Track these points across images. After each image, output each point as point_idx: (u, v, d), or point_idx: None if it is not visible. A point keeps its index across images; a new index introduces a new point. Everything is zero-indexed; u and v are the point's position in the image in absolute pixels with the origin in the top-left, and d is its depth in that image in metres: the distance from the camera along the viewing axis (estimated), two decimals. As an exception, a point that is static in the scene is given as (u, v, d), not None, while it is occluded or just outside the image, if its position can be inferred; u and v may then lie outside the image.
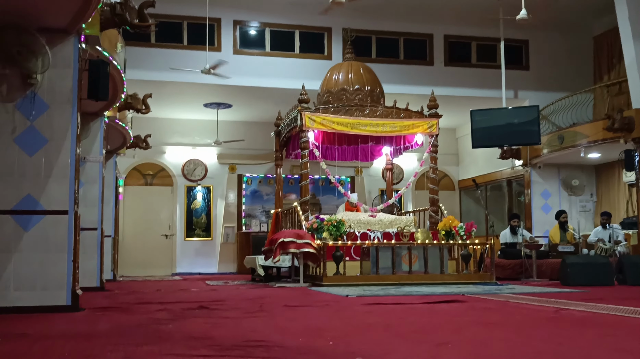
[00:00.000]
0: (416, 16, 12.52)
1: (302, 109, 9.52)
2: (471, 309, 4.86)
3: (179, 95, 12.50)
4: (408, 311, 4.78)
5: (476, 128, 11.94)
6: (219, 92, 12.37)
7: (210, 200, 14.40)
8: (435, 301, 5.47)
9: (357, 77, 10.26)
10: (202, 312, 4.79)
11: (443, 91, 12.32)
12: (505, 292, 6.71)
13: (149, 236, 13.94)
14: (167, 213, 14.21)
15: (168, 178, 14.27)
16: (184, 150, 14.30)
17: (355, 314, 4.62)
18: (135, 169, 14.11)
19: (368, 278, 8.18)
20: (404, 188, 10.40)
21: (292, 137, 10.52)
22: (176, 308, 5.07)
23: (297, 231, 8.54)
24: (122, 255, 13.31)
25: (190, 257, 14.12)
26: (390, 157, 11.56)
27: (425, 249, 8.46)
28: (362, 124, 9.69)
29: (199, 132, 14.13)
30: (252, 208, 14.50)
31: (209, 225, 14.32)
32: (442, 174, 15.34)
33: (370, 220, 9.69)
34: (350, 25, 11.66)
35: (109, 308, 5.23)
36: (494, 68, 12.91)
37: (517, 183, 13.91)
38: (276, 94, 12.32)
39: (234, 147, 14.21)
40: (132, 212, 13.94)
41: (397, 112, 9.89)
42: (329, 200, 14.61)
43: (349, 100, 10.00)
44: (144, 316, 4.48)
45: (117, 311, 4.99)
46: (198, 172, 14.40)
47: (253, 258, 10.17)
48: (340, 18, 12.28)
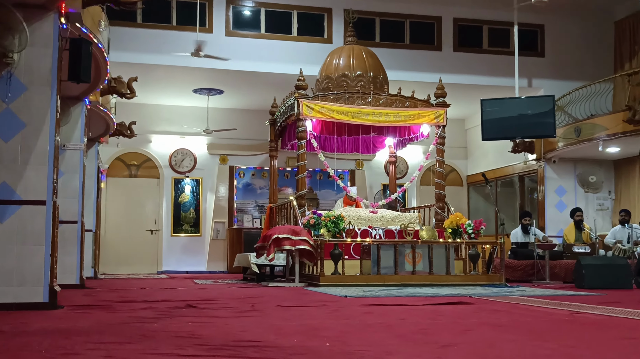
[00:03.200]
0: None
1: (300, 96, 9.52)
2: (478, 312, 4.88)
3: (166, 79, 12.47)
4: (411, 312, 4.80)
5: (487, 119, 11.94)
6: (210, 77, 12.35)
7: (200, 194, 14.40)
8: (440, 303, 5.49)
9: (359, 62, 10.26)
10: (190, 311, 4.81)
11: (451, 78, 12.33)
12: (515, 294, 6.74)
13: (133, 232, 13.94)
14: (152, 207, 14.21)
15: (154, 169, 14.27)
16: (172, 139, 14.29)
17: (354, 314, 4.64)
18: (118, 159, 14.10)
19: (368, 278, 8.20)
20: (408, 183, 10.39)
21: (288, 126, 10.51)
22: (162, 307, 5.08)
23: (292, 228, 8.55)
24: (104, 251, 13.32)
25: (178, 254, 14.13)
26: (394, 149, 11.56)
27: (430, 248, 8.48)
28: (363, 113, 9.69)
29: (187, 120, 14.12)
30: (244, 203, 14.51)
31: (197, 220, 14.32)
32: (449, 168, 15.34)
33: (371, 216, 9.70)
34: (352, 6, 11.65)
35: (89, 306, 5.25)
36: (507, 54, 12.92)
37: (530, 178, 13.93)
38: (271, 80, 12.31)
39: (226, 136, 14.20)
40: (115, 205, 13.94)
41: (401, 101, 9.89)
42: (327, 194, 14.61)
43: (350, 87, 9.99)
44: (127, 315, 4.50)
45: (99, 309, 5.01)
46: (186, 162, 14.39)
47: (245, 255, 10.17)
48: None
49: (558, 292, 7.21)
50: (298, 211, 9.33)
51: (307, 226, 8.60)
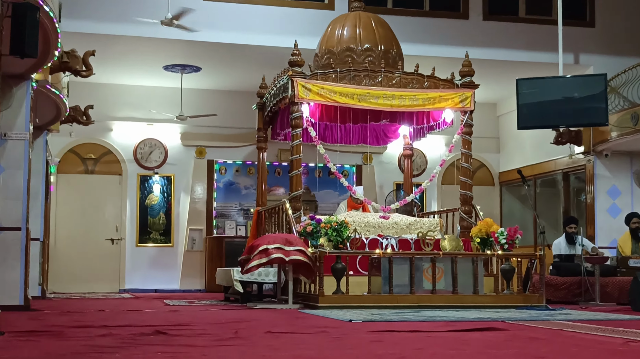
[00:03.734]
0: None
1: (294, 75, 9.51)
2: (513, 340, 4.88)
3: (131, 53, 12.46)
4: (430, 340, 4.81)
5: (524, 103, 11.93)
6: (184, 51, 12.34)
7: (171, 194, 14.39)
8: (466, 329, 5.49)
9: (367, 33, 10.25)
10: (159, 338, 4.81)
11: (481, 53, 12.30)
12: (558, 319, 6.74)
13: (90, 241, 13.93)
14: (113, 211, 14.20)
15: (115, 164, 14.26)
16: (137, 128, 14.28)
17: (360, 343, 4.64)
18: (72, 151, 14.08)
19: (378, 299, 8.20)
20: (427, 182, 10.40)
21: (280, 111, 10.50)
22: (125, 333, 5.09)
23: (285, 236, 8.54)
24: (54, 264, 13.32)
25: (144, 269, 14.13)
26: (410, 139, 11.55)
27: (454, 261, 8.47)
28: (372, 96, 9.68)
29: (157, 104, 14.10)
30: (226, 206, 14.50)
31: (169, 226, 14.31)
32: (477, 164, 15.33)
33: (382, 223, 9.69)
34: (359, -35, 11.62)
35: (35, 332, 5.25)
36: (549, 24, 12.89)
37: (577, 176, 13.92)
38: (260, 54, 12.29)
39: (204, 124, 14.19)
40: (68, 209, 13.93)
41: (419, 81, 9.88)
42: (327, 195, 14.61)
43: (356, 63, 9.98)
44: (81, 343, 4.50)
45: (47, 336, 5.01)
46: (155, 156, 14.38)
47: (227, 270, 10.17)
48: (346, -45, 12.27)
49: (610, 316, 7.21)
50: (292, 216, 9.32)
51: (303, 235, 8.60)
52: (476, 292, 8.47)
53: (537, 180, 14.68)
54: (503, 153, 15.74)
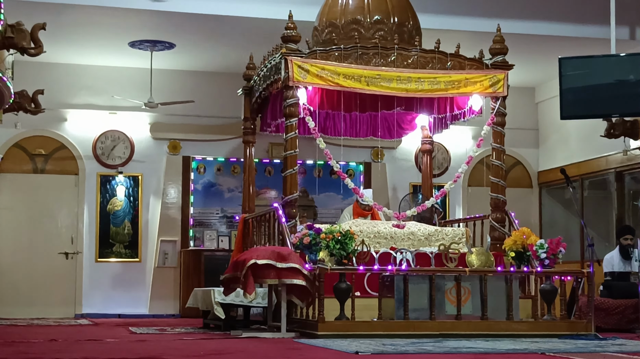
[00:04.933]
0: None
1: (288, 53, 9.50)
2: (555, 377, 4.87)
3: (90, 27, 12.45)
4: (454, 377, 4.79)
5: (568, 87, 11.91)
6: (154, 24, 12.34)
7: (139, 198, 14.38)
8: (497, 363, 5.48)
9: (377, 1, 10.24)
10: (123, 375, 4.80)
11: (515, 26, 12.28)
12: (610, 350, 6.73)
13: (40, 255, 13.92)
14: (68, 218, 14.19)
15: (70, 162, 14.24)
16: (97, 117, 14.26)
17: (368, 381, 4.63)
18: (17, 146, 14.06)
19: (391, 326, 8.19)
20: (451, 183, 10.37)
21: (272, 97, 10.49)
22: (81, 369, 5.08)
23: (277, 249, 8.53)
24: (-4, 284, 13.34)
25: (106, 289, 14.12)
26: (430, 132, 11.54)
27: (484, 280, 8.47)
28: (384, 78, 9.67)
29: (121, 88, 14.10)
30: (205, 212, 14.49)
31: (135, 237, 14.30)
32: (512, 161, 15.31)
33: (395, 233, 9.67)
34: None
35: (-28, 367, 5.24)
36: (598, -9, 12.89)
37: (633, 177, 13.92)
38: (246, 28, 12.28)
39: (178, 112, 14.18)
40: (13, 216, 13.91)
41: (441, 60, 9.86)
42: (329, 199, 14.59)
43: (365, 39, 9.98)
44: (28, 381, 4.49)
45: (-14, 372, 5.00)
46: (119, 152, 14.37)
47: (206, 291, 10.15)
48: None
49: (674, 347, 7.19)
50: (286, 224, 9.30)
51: (300, 248, 8.58)
52: (510, 318, 8.45)
53: (584, 181, 14.66)
54: (543, 148, 15.72)
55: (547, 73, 14.07)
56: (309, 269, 8.32)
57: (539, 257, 8.75)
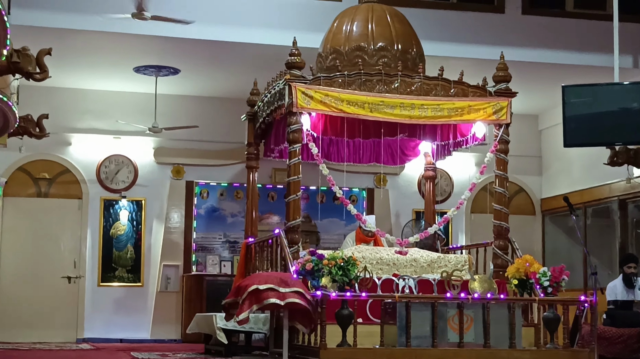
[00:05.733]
0: None
1: (292, 79, 9.53)
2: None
3: (95, 52, 12.49)
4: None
5: (571, 115, 11.91)
6: (159, 49, 12.37)
7: (142, 223, 14.37)
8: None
9: (381, 29, 10.28)
10: (124, 400, 4.81)
11: (519, 54, 12.31)
12: (612, 379, 6.71)
13: (42, 279, 13.88)
14: (71, 242, 14.16)
15: (74, 186, 14.24)
16: (101, 141, 14.28)
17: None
18: (22, 170, 14.06)
19: (393, 353, 8.17)
20: (454, 210, 10.37)
21: (275, 123, 10.51)
22: (82, 393, 5.08)
23: (280, 275, 8.53)
24: (-2, 307, 13.32)
25: (108, 313, 14.07)
26: (433, 158, 11.55)
27: (487, 308, 8.44)
28: (387, 105, 9.69)
29: (125, 113, 14.11)
30: (208, 237, 14.47)
31: (138, 262, 14.27)
32: (515, 188, 15.31)
33: (397, 259, 9.66)
34: (372, -54, 11.71)
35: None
36: (602, 19, 12.91)
37: (636, 205, 13.89)
38: (251, 54, 12.31)
39: (182, 137, 14.20)
40: (16, 239, 13.89)
41: (444, 87, 9.89)
42: (331, 225, 14.56)
43: (368, 65, 10.01)
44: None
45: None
46: (123, 176, 14.38)
47: (208, 316, 10.14)
48: None
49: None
50: (288, 250, 9.30)
51: (302, 273, 8.57)
52: (513, 346, 8.41)
53: (587, 208, 14.64)
54: (546, 175, 15.70)
55: (551, 100, 14.09)
56: (311, 295, 8.31)
57: (542, 285, 8.74)
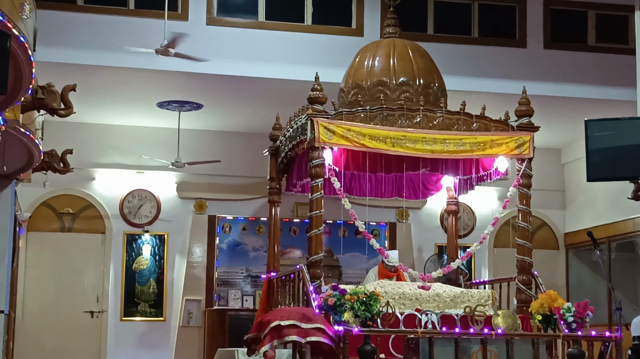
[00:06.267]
0: (499, -31, 12.66)
1: (315, 114, 9.54)
2: None
3: (119, 88, 12.59)
4: None
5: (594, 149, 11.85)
6: (182, 85, 12.46)
7: (164, 257, 14.40)
8: None
9: (403, 64, 10.29)
10: None
11: (541, 89, 12.31)
12: (639, 416, 6.63)
13: (65, 314, 13.92)
14: (94, 277, 14.22)
15: (97, 221, 14.32)
16: (125, 176, 14.38)
17: None
18: (45, 204, 14.16)
19: (416, 389, 8.12)
20: (477, 244, 10.30)
21: (297, 158, 10.52)
22: None
23: (302, 310, 8.51)
24: (22, 342, 13.29)
25: (130, 348, 14.08)
26: (455, 192, 11.51)
27: (510, 344, 8.39)
28: (409, 139, 9.68)
29: (148, 148, 14.19)
30: (230, 271, 14.47)
31: (160, 296, 14.29)
32: (538, 222, 15.26)
33: (420, 295, 9.61)
34: (393, -18, 11.78)
35: None
36: (624, 53, 12.89)
37: (661, 239, 13.81)
38: (273, 89, 12.39)
39: (205, 172, 14.25)
40: (40, 274, 13.94)
41: (466, 121, 9.87)
42: (353, 260, 14.53)
43: (390, 100, 10.01)
44: None
45: None
46: (145, 211, 14.43)
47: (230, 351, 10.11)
48: (377, -30, 12.45)
49: None
50: (310, 285, 9.28)
51: (324, 308, 8.54)
52: (537, 382, 8.38)
53: (611, 243, 14.55)
54: (569, 210, 15.64)
55: (573, 134, 14.06)
56: (334, 331, 8.29)
57: (566, 321, 8.68)
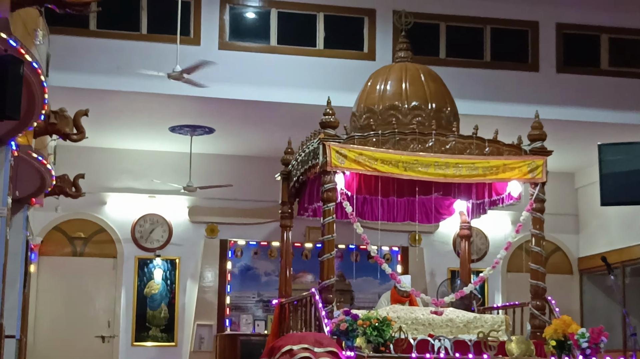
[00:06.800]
0: (512, -8, 12.69)
1: (327, 138, 9.55)
2: None
3: (131, 112, 12.65)
4: None
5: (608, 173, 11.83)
6: (194, 109, 12.50)
7: (176, 282, 14.39)
8: None
9: (415, 88, 10.30)
10: None
11: (554, 113, 12.31)
12: None
13: (77, 338, 13.91)
14: (105, 301, 14.22)
15: (109, 245, 14.33)
16: (136, 200, 14.41)
17: None
18: (57, 229, 14.19)
19: (429, 415, 8.08)
20: (490, 269, 10.26)
21: (309, 182, 10.51)
22: None
23: (314, 335, 8.48)
24: (32, 367, 13.31)
25: (141, 373, 14.06)
26: (468, 217, 11.48)
27: (524, 369, 8.35)
28: (422, 164, 9.67)
29: (160, 172, 14.22)
30: (242, 296, 14.44)
31: (172, 321, 14.27)
32: (551, 247, 15.20)
33: (433, 320, 9.57)
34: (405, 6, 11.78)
35: None
36: (637, 77, 12.90)
37: (676, 264, 13.73)
38: (285, 113, 12.43)
39: (216, 196, 14.26)
40: (51, 299, 13.95)
41: (479, 146, 9.86)
42: (366, 284, 14.49)
43: (402, 124, 10.02)
44: None
45: None
46: (157, 235, 14.44)
47: (242, 377, 10.08)
48: (389, -6, 12.49)
49: None
50: (323, 309, 9.24)
51: (337, 334, 8.52)
52: (552, 409, 8.32)
53: (625, 267, 14.48)
54: (583, 234, 15.57)
55: (587, 158, 14.01)
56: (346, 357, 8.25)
57: (580, 346, 8.64)
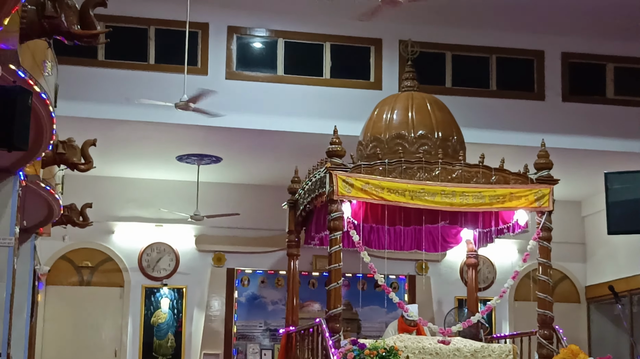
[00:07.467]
0: (517, 22, 12.66)
1: (333, 167, 9.56)
2: None
3: (138, 142, 12.69)
4: None
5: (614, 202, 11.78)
6: (201, 138, 12.53)
7: (183, 311, 14.36)
8: None
9: (421, 117, 10.34)
10: None
11: (560, 141, 12.31)
12: None
13: (84, 367, 13.89)
14: (112, 331, 14.19)
15: (116, 274, 14.33)
16: (144, 229, 14.43)
17: None
18: (64, 258, 14.20)
19: None
20: (497, 298, 10.25)
21: (316, 210, 10.52)
22: None
23: (320, 365, 8.46)
24: (39, 396, 13.28)
25: (148, 403, 14.02)
26: (475, 245, 11.47)
27: (532, 399, 8.31)
28: (428, 192, 9.68)
29: (167, 201, 14.24)
30: (249, 325, 14.40)
31: (178, 350, 14.22)
32: (559, 276, 15.14)
33: (440, 349, 9.53)
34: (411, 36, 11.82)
35: None
36: (644, 106, 12.94)
37: (684, 292, 13.67)
38: (292, 142, 12.45)
39: (223, 225, 14.27)
40: (58, 328, 13.94)
41: (485, 174, 9.87)
42: (373, 313, 14.44)
43: (409, 153, 10.04)
44: None
45: None
46: (164, 264, 14.43)
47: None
48: (395, 24, 12.47)
49: None
50: (330, 339, 9.22)
51: (344, 363, 8.50)
52: None
53: (633, 296, 14.42)
54: (590, 263, 15.52)
55: (593, 187, 13.98)
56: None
57: (589, 376, 8.60)
